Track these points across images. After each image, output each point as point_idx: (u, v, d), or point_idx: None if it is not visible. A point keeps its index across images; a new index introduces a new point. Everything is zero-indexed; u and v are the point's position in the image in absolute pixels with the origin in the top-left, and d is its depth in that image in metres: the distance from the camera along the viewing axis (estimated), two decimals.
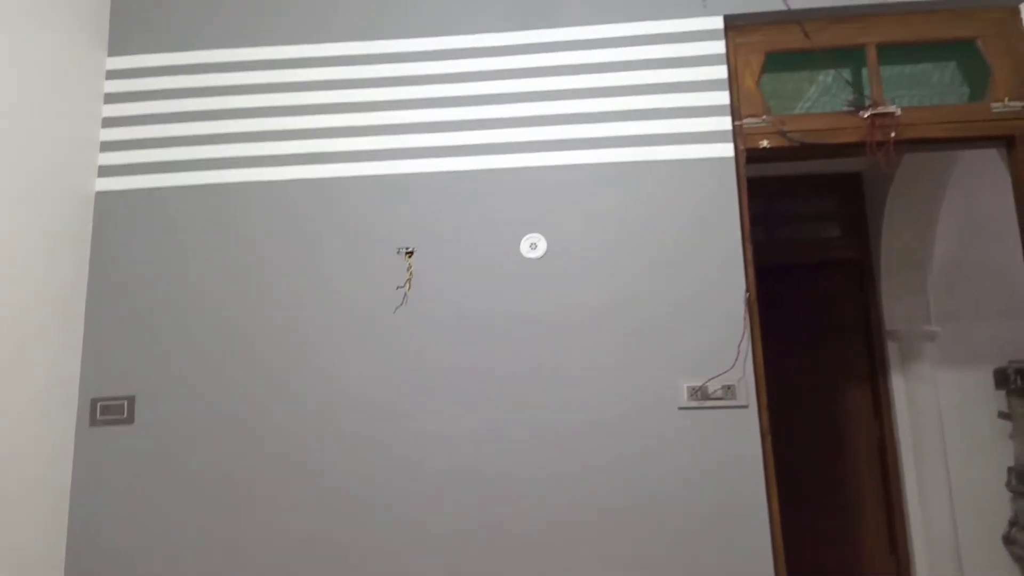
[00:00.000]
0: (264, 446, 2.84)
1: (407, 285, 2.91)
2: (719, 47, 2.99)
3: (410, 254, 2.94)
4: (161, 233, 3.02)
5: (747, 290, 2.79)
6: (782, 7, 2.94)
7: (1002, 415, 5.01)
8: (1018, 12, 2.95)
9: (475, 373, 2.83)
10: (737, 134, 2.95)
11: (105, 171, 3.08)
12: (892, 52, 3.03)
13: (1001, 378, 4.97)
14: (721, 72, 2.97)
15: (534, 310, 2.86)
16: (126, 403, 2.90)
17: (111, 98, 3.15)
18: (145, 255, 3.01)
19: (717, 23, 3.00)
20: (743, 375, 2.72)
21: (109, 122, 3.13)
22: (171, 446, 2.86)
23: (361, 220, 2.98)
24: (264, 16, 3.17)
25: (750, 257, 2.85)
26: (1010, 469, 4.93)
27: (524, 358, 2.83)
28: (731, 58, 3.02)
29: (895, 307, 5.22)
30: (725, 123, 2.92)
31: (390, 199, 2.98)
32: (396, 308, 2.90)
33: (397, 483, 2.78)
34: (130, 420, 2.89)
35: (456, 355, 2.85)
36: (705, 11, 3.01)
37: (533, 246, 2.90)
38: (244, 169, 3.05)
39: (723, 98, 2.94)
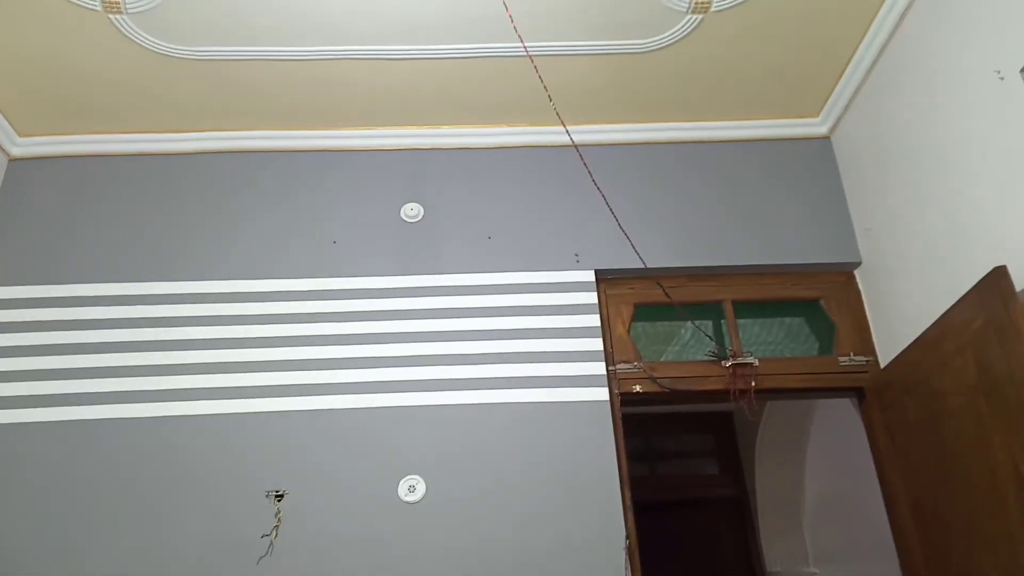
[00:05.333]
0: None
1: (274, 532, 2.73)
2: (592, 297, 3.18)
3: (280, 497, 2.79)
4: (6, 471, 2.77)
5: (627, 537, 2.75)
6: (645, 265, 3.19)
7: None
8: (854, 277, 3.31)
9: None
10: (611, 378, 3.06)
11: None
12: (747, 307, 3.30)
13: None
14: (594, 320, 3.13)
15: (411, 559, 2.70)
16: None
17: None
18: None
19: (589, 276, 3.21)
20: None
21: None
22: None
23: (226, 461, 2.82)
24: (136, 252, 3.17)
25: (629, 503, 2.84)
26: None
27: None
28: (603, 308, 3.21)
29: (774, 547, 5.24)
30: (600, 368, 3.04)
31: (260, 438, 2.86)
32: (260, 559, 2.68)
33: None
34: None
35: None
36: (578, 265, 3.23)
37: (411, 489, 2.82)
38: (88, 407, 2.89)
39: (597, 344, 3.08)
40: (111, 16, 2.80)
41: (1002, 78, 2.40)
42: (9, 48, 2.91)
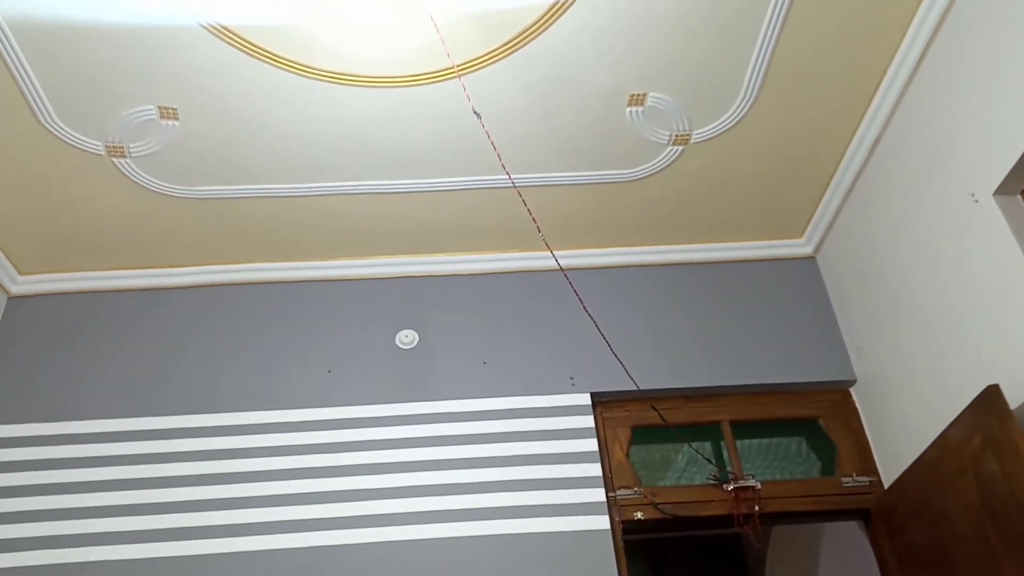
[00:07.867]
0: None
1: None
2: (589, 421, 3.14)
3: None
4: None
5: None
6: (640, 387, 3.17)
7: None
8: (850, 395, 3.29)
9: None
10: (612, 505, 2.99)
11: None
12: (746, 428, 3.26)
13: None
14: (592, 444, 3.08)
15: None
16: None
17: None
18: None
19: (585, 399, 3.19)
20: None
21: None
22: None
23: None
24: (135, 387, 3.16)
25: None
26: None
27: None
28: (601, 431, 3.17)
29: None
30: (599, 495, 2.97)
31: None
32: None
33: None
34: None
35: None
36: (574, 388, 3.21)
37: None
38: (78, 548, 2.81)
39: (596, 470, 3.02)
40: (114, 160, 2.91)
41: (976, 200, 2.46)
42: (11, 187, 3.00)
